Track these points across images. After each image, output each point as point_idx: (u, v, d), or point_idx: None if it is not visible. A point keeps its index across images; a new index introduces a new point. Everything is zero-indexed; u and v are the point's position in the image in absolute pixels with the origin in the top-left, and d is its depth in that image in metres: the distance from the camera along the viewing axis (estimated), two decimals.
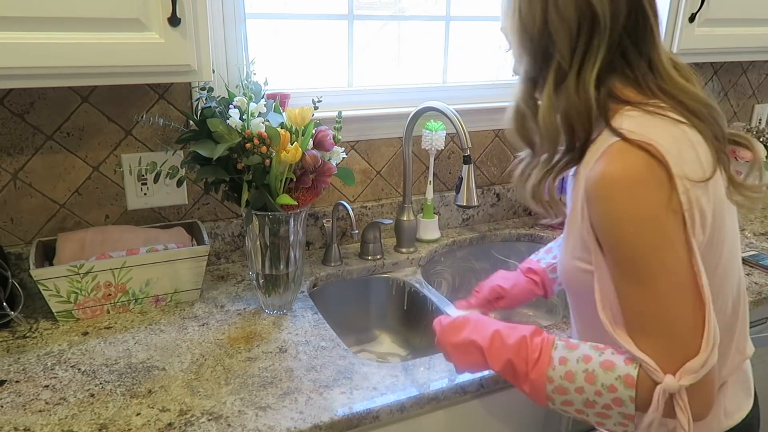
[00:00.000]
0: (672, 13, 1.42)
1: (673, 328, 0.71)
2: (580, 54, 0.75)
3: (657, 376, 0.70)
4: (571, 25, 0.74)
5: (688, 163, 0.71)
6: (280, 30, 1.43)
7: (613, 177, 0.70)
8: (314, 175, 1.11)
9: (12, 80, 0.92)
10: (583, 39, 0.75)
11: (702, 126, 0.76)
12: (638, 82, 0.77)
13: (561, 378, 0.76)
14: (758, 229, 1.72)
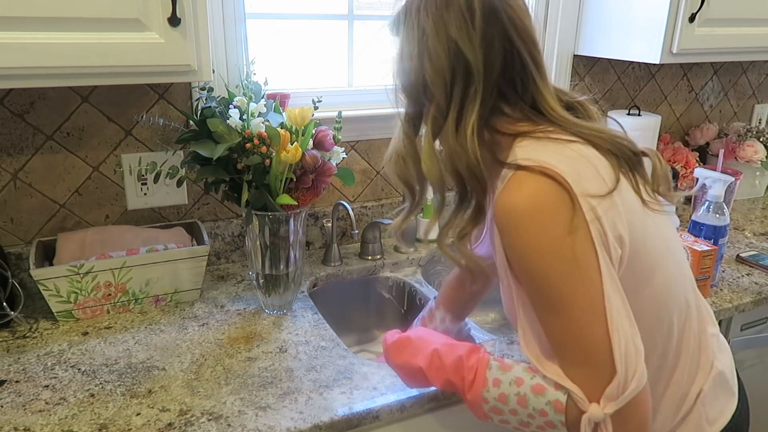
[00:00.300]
0: (672, 13, 1.42)
1: (594, 355, 0.70)
2: (457, 102, 0.76)
3: (583, 405, 0.70)
4: (445, 74, 0.75)
5: (587, 180, 0.71)
6: (280, 30, 1.43)
7: (515, 206, 0.70)
8: (314, 175, 1.11)
9: (12, 80, 0.92)
10: (458, 88, 0.76)
11: (597, 141, 0.76)
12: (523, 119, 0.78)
13: (495, 399, 0.77)
14: (758, 229, 1.72)
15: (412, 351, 0.86)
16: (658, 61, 1.46)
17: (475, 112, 0.76)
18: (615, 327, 0.69)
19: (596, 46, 1.64)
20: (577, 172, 0.71)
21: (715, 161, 1.64)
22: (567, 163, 0.71)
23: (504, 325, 1.57)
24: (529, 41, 0.77)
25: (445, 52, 0.75)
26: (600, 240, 0.69)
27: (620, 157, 0.77)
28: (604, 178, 0.73)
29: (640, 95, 1.89)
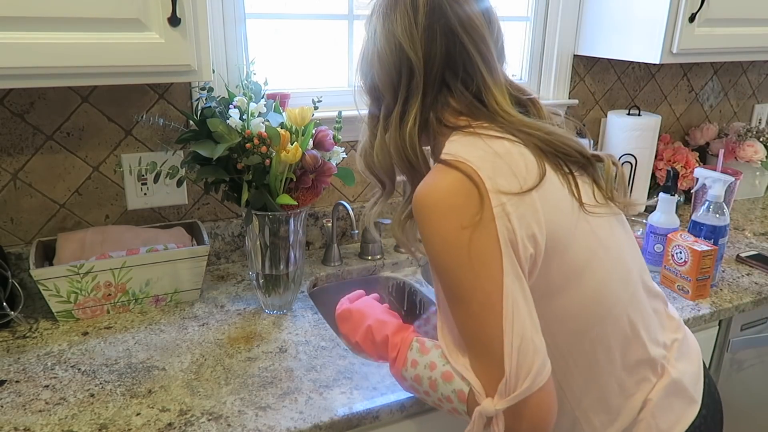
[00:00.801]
0: (672, 13, 1.42)
1: (489, 349, 0.70)
2: (402, 96, 0.80)
3: (479, 398, 0.72)
4: (392, 72, 0.79)
5: (503, 176, 0.72)
6: (280, 30, 1.43)
7: (424, 197, 0.72)
8: (314, 175, 1.11)
9: (12, 80, 0.92)
10: (403, 83, 0.79)
11: (529, 139, 0.77)
12: (467, 112, 0.80)
13: (411, 379, 0.82)
14: (758, 229, 1.72)
15: (352, 325, 0.92)
16: (658, 61, 1.46)
17: (416, 104, 0.79)
18: (509, 324, 0.69)
19: (596, 46, 1.64)
20: (493, 168, 0.72)
21: (715, 161, 1.64)
22: (485, 159, 0.73)
23: None
24: (476, 36, 0.78)
25: (391, 50, 0.79)
26: (506, 237, 0.70)
27: (559, 157, 0.78)
28: (525, 177, 0.73)
29: (640, 95, 1.89)
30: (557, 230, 0.74)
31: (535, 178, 0.74)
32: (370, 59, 0.82)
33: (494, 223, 0.70)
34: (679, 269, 1.28)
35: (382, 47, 0.79)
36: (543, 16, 1.66)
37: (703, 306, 1.27)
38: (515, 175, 0.73)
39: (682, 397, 0.85)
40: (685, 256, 1.26)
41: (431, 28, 0.77)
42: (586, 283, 0.77)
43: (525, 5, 1.66)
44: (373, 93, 0.85)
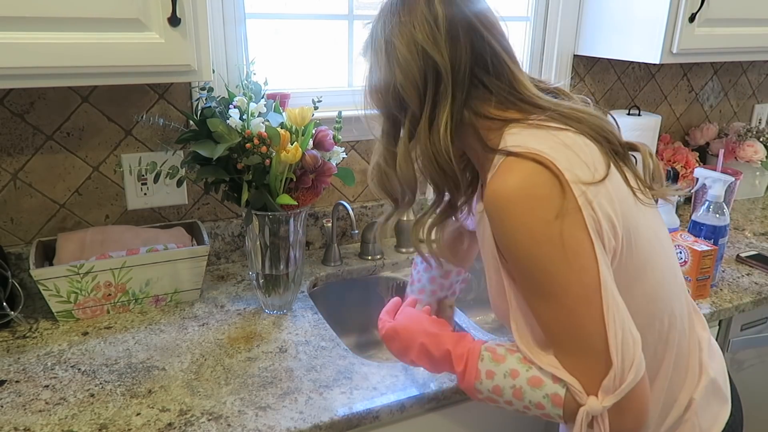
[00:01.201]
0: (672, 13, 1.42)
1: (590, 345, 0.68)
2: (429, 103, 0.78)
3: (581, 398, 0.70)
4: (417, 79, 0.77)
5: (578, 167, 0.70)
6: (280, 30, 1.43)
7: (505, 191, 0.70)
8: (314, 175, 1.11)
9: (12, 80, 0.92)
10: (430, 89, 0.77)
11: (585, 129, 0.76)
12: (507, 104, 0.79)
13: (489, 391, 0.77)
14: (758, 229, 1.72)
15: (401, 344, 0.86)
16: (658, 61, 1.46)
17: (447, 108, 0.77)
18: (611, 316, 0.67)
19: (596, 46, 1.64)
20: (567, 159, 0.70)
21: (715, 161, 1.64)
22: (557, 149, 0.71)
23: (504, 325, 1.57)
24: (495, 31, 0.79)
25: (414, 57, 0.77)
26: (593, 227, 0.68)
27: (606, 146, 0.77)
28: (596, 166, 0.72)
29: (640, 95, 1.89)
30: (627, 222, 0.72)
31: (603, 167, 0.72)
32: (386, 74, 0.80)
33: (581, 213, 0.68)
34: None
35: (403, 57, 0.77)
36: (543, 16, 1.66)
37: (703, 306, 1.27)
38: (587, 165, 0.71)
39: (718, 397, 0.85)
40: (685, 256, 1.26)
41: (453, 29, 0.76)
42: (648, 278, 0.76)
43: (525, 5, 1.66)
44: (393, 107, 0.82)
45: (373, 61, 0.83)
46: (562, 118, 0.77)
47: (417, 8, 0.77)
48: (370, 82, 0.84)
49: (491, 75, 0.78)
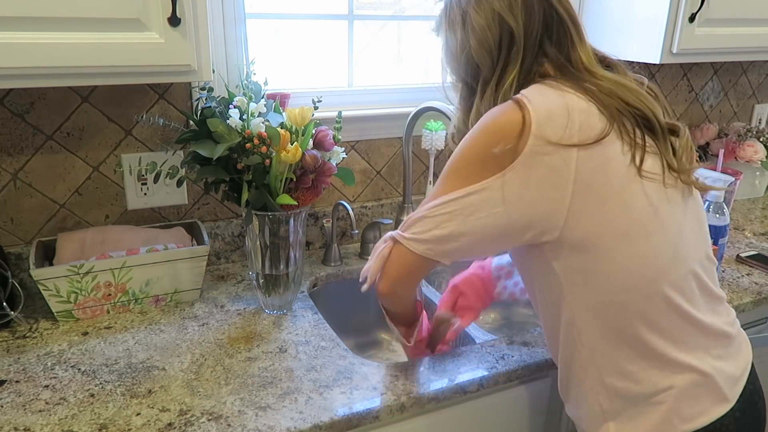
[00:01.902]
0: (672, 13, 1.42)
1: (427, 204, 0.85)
2: (501, 65, 0.86)
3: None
4: (491, 46, 0.85)
5: (555, 124, 0.77)
6: (280, 30, 1.43)
7: (484, 117, 0.83)
8: (314, 175, 1.11)
9: (12, 80, 0.92)
10: (503, 53, 0.85)
11: (608, 101, 0.80)
12: (557, 73, 0.85)
13: None
14: (758, 229, 1.72)
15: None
16: (658, 61, 1.46)
17: (515, 70, 0.84)
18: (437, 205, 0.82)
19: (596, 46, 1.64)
20: (550, 114, 0.77)
21: (715, 161, 1.64)
22: (548, 105, 0.78)
23: (504, 325, 1.57)
24: (565, 2, 0.87)
25: (489, 25, 0.84)
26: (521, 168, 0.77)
27: (636, 119, 0.81)
28: (581, 131, 0.77)
29: None
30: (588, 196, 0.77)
31: (590, 136, 0.77)
32: (462, 43, 0.86)
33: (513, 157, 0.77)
34: None
35: (479, 25, 0.84)
36: None
37: None
38: (564, 128, 0.77)
39: (712, 393, 0.85)
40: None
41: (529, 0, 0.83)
42: (619, 251, 0.79)
43: None
44: (468, 73, 0.89)
45: (449, 33, 0.89)
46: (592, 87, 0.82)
47: None
48: (446, 52, 0.91)
49: (553, 45, 0.85)
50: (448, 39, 0.90)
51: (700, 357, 0.84)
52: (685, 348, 0.84)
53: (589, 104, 0.80)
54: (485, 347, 1.11)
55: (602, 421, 0.87)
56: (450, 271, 1.59)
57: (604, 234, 0.78)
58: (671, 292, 0.81)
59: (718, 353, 0.86)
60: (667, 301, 0.81)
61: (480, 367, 1.04)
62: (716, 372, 0.85)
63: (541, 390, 1.11)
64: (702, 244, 0.87)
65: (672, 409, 0.83)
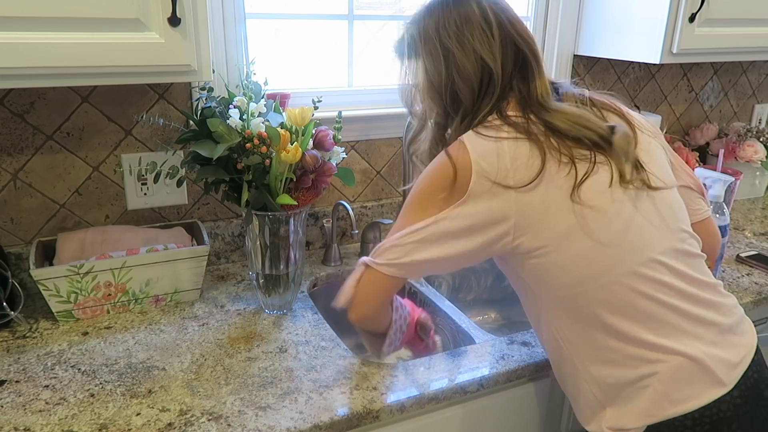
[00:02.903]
0: (672, 13, 1.42)
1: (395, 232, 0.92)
2: (479, 99, 0.92)
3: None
4: (473, 83, 0.91)
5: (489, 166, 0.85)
6: (280, 30, 1.43)
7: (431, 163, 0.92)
8: (314, 175, 1.11)
9: (12, 80, 0.92)
10: (483, 89, 0.91)
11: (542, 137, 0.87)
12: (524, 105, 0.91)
13: None
14: (758, 229, 1.72)
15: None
16: (658, 61, 1.46)
17: (490, 104, 0.91)
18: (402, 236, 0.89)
19: (596, 46, 1.64)
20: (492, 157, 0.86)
21: (715, 161, 1.64)
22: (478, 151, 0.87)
23: (504, 325, 1.57)
24: (529, 40, 0.93)
25: (472, 64, 0.90)
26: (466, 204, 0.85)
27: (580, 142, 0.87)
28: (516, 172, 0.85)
29: (640, 95, 1.89)
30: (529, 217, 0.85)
31: (524, 178, 0.85)
32: (446, 76, 0.92)
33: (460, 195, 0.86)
34: None
35: (462, 64, 0.90)
36: (543, 16, 1.66)
37: None
38: (503, 169, 0.85)
39: (704, 377, 0.86)
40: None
41: (504, 39, 0.90)
42: (565, 250, 0.86)
43: (525, 5, 1.66)
44: (448, 104, 0.94)
45: (429, 65, 0.94)
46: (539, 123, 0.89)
47: (473, 17, 0.90)
48: (425, 82, 0.95)
49: (520, 78, 0.92)
50: (427, 70, 0.94)
51: (687, 342, 0.86)
52: (667, 333, 0.86)
53: (524, 146, 0.86)
54: (485, 347, 1.11)
55: (600, 409, 0.91)
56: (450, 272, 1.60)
57: (549, 240, 0.86)
58: (633, 281, 0.85)
59: (711, 339, 0.87)
60: (629, 288, 0.85)
61: (480, 367, 1.04)
62: (708, 357, 0.86)
63: (541, 390, 1.11)
64: (667, 237, 0.90)
65: (659, 392, 0.85)
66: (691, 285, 0.89)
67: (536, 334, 1.00)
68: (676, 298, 0.87)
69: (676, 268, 0.88)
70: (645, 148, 0.93)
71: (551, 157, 0.86)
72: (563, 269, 0.87)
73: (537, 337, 1.00)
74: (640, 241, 0.87)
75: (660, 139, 1.00)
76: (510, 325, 1.57)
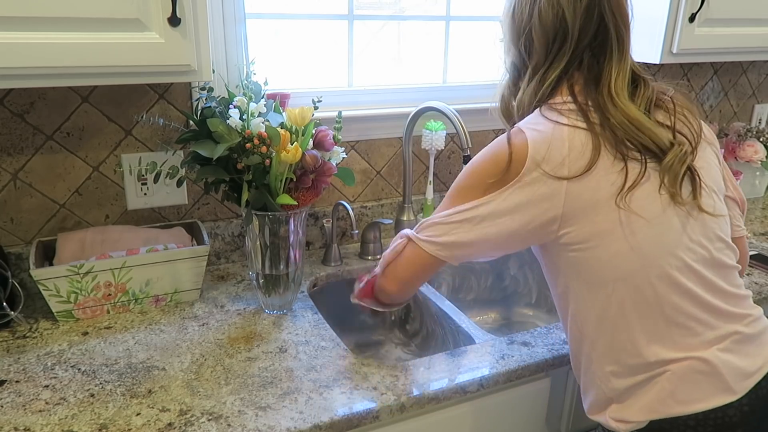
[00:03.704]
0: (672, 13, 1.42)
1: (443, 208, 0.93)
2: (551, 59, 0.91)
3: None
4: (548, 33, 0.90)
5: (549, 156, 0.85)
6: (280, 30, 1.43)
7: (492, 144, 0.91)
8: (314, 175, 1.11)
9: (12, 80, 0.92)
10: (555, 47, 0.90)
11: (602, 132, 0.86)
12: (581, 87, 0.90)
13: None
14: (758, 229, 1.72)
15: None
16: (658, 61, 1.46)
17: (560, 67, 0.90)
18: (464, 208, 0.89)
19: None
20: (547, 147, 0.85)
21: None
22: (536, 138, 0.86)
23: (504, 325, 1.57)
24: (620, 17, 0.91)
25: (554, 14, 0.88)
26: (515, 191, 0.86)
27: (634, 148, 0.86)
28: (570, 163, 0.85)
29: None
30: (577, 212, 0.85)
31: (574, 168, 0.84)
32: (528, 18, 0.91)
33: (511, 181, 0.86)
34: None
35: (545, 9, 0.88)
36: None
37: None
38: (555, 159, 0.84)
39: (714, 381, 0.86)
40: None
41: (591, 4, 0.88)
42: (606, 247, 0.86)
43: None
44: (520, 48, 0.94)
45: (517, 5, 0.93)
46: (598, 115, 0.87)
47: None
48: (512, 19, 0.94)
49: (593, 54, 0.90)
50: (514, 6, 0.93)
51: (703, 347, 0.86)
52: (687, 343, 0.86)
53: (581, 135, 0.86)
54: (485, 347, 1.11)
55: (607, 403, 0.92)
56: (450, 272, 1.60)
57: (592, 236, 0.86)
58: (664, 285, 0.86)
59: (727, 346, 0.87)
60: (660, 292, 0.86)
61: (480, 367, 1.04)
62: (722, 363, 0.86)
63: (541, 390, 1.11)
64: (705, 244, 0.89)
65: (666, 389, 0.85)
66: (717, 296, 0.89)
67: (561, 320, 1.00)
68: (700, 309, 0.87)
69: (707, 277, 0.88)
70: (701, 154, 0.92)
71: (606, 152, 0.86)
72: (602, 265, 0.87)
73: (561, 322, 1.00)
74: (675, 245, 0.87)
75: (715, 146, 0.98)
76: (510, 325, 1.57)
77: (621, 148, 0.86)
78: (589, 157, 0.85)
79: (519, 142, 0.87)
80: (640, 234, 0.85)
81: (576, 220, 0.85)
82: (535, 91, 0.92)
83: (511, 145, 0.87)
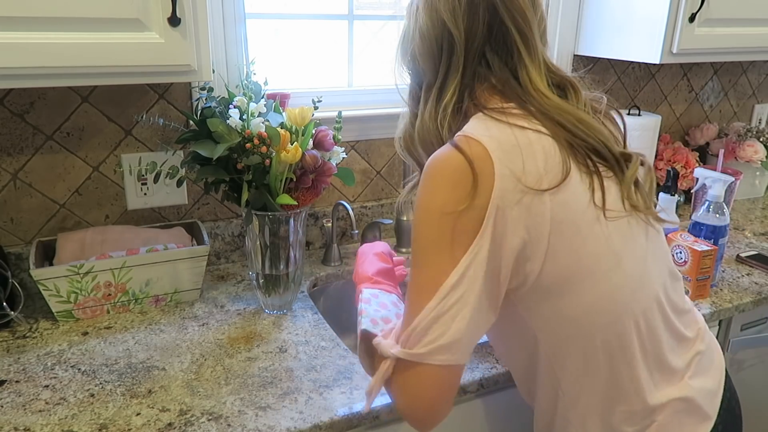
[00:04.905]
0: (672, 13, 1.42)
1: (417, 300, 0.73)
2: (443, 70, 0.80)
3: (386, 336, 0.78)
4: (433, 47, 0.80)
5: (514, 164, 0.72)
6: (280, 30, 1.43)
7: (427, 167, 0.74)
8: (314, 175, 1.11)
9: (12, 80, 0.92)
10: (444, 57, 0.80)
11: (558, 131, 0.75)
12: (502, 90, 0.79)
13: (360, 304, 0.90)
14: (758, 229, 1.72)
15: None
16: (658, 61, 1.46)
17: (456, 79, 0.79)
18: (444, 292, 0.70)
19: (596, 46, 1.64)
20: (510, 157, 0.72)
21: (715, 161, 1.64)
22: (499, 147, 0.72)
23: None
24: (516, 13, 0.78)
25: (433, 24, 0.79)
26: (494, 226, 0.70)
27: (588, 152, 0.76)
28: (542, 174, 0.72)
29: (640, 95, 1.89)
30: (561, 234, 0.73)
31: (552, 179, 0.72)
32: (411, 35, 0.83)
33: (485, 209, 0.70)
34: (679, 269, 1.28)
35: (423, 22, 0.80)
36: None
37: (703, 306, 1.27)
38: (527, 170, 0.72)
39: (694, 416, 0.83)
40: (685, 256, 1.26)
41: (473, 3, 0.77)
42: (587, 290, 0.75)
43: None
44: (413, 70, 0.85)
45: (405, 24, 0.85)
46: (539, 111, 0.77)
47: None
48: (400, 44, 0.86)
49: (497, 57, 0.79)
50: (405, 31, 0.85)
51: (677, 381, 0.83)
52: (663, 374, 0.82)
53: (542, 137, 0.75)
54: (485, 347, 1.11)
55: None
56: None
57: (575, 274, 0.75)
58: (641, 322, 0.79)
59: (694, 371, 0.84)
60: (638, 331, 0.79)
61: (480, 367, 1.04)
62: (695, 392, 0.83)
63: None
64: (662, 262, 0.84)
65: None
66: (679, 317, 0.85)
67: (521, 388, 0.91)
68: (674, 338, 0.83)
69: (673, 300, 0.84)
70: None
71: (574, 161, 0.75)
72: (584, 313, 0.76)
73: (519, 382, 0.92)
74: (650, 276, 0.80)
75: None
76: None
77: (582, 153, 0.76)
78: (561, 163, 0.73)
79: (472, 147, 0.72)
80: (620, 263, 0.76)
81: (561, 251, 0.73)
82: (437, 108, 0.80)
83: (461, 151, 0.72)
